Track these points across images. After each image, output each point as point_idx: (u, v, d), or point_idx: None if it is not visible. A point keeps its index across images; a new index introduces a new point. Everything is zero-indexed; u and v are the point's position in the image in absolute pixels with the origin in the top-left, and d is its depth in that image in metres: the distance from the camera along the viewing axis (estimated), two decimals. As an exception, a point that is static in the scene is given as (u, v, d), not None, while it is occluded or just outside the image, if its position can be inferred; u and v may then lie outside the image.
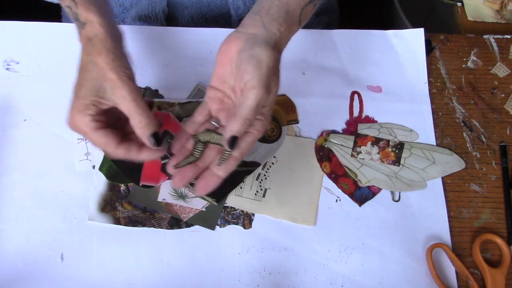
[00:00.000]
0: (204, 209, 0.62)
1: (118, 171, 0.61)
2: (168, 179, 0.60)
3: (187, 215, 0.62)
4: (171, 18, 0.77)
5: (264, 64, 0.47)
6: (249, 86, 0.46)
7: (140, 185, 0.59)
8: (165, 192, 0.62)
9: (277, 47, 0.50)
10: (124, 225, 0.61)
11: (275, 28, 0.50)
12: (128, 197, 0.62)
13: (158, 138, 0.48)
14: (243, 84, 0.47)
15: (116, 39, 0.49)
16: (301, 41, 0.71)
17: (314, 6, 0.55)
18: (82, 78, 0.48)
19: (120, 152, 0.48)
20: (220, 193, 0.61)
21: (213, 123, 0.52)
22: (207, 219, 0.62)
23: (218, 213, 0.62)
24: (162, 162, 0.58)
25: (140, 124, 0.47)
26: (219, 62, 0.51)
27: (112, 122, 0.49)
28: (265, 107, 0.49)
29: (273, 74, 0.48)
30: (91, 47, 0.48)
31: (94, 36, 0.48)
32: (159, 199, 0.62)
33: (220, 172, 0.50)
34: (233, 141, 0.47)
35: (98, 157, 0.63)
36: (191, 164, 0.51)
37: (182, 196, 0.62)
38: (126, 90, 0.46)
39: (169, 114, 0.59)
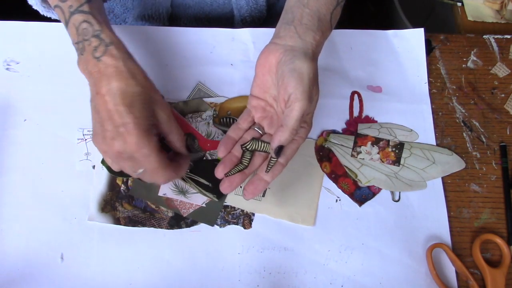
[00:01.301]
0: (204, 205, 0.62)
1: None
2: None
3: (187, 210, 0.62)
4: (174, 18, 0.78)
5: (305, 76, 0.49)
6: (293, 98, 0.49)
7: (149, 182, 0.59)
8: (166, 187, 0.62)
9: (314, 56, 0.52)
10: (124, 225, 0.61)
11: (311, 37, 0.52)
12: (129, 191, 0.62)
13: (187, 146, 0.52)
14: (287, 96, 0.49)
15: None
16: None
17: (341, 8, 0.57)
18: (128, 95, 0.47)
19: (170, 174, 0.51)
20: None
21: (257, 129, 0.56)
22: (207, 215, 0.62)
23: (218, 209, 0.62)
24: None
25: (179, 138, 0.51)
26: (259, 72, 0.54)
27: None
28: (308, 115, 0.52)
29: (313, 84, 0.51)
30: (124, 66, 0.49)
31: (123, 56, 0.49)
32: (160, 193, 0.62)
33: (267, 177, 0.53)
34: (280, 150, 0.50)
35: (98, 157, 0.63)
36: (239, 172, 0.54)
37: (182, 192, 0.62)
38: (167, 110, 0.50)
39: (172, 110, 0.59)
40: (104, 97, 0.47)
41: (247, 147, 0.54)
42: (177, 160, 0.53)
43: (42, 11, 0.63)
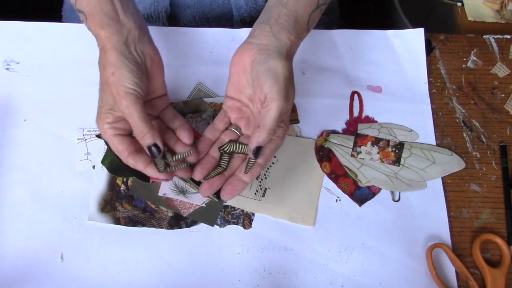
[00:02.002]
0: (204, 205, 0.62)
1: (120, 164, 0.61)
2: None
3: (187, 210, 0.62)
4: (173, 18, 0.78)
5: (280, 75, 0.49)
6: (269, 98, 0.48)
7: (150, 182, 0.60)
8: (166, 187, 0.62)
9: (289, 56, 0.51)
10: (124, 225, 0.61)
11: (285, 37, 0.52)
12: (129, 190, 0.62)
13: (158, 149, 0.50)
14: (263, 96, 0.49)
15: (126, 47, 0.51)
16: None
17: (321, 12, 0.56)
18: (101, 87, 0.51)
19: (130, 162, 0.51)
20: (221, 189, 0.62)
21: (234, 130, 0.55)
22: (207, 215, 0.62)
23: (218, 210, 0.62)
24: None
25: (140, 134, 0.49)
26: (233, 72, 0.53)
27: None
28: (285, 114, 0.51)
29: (289, 83, 0.50)
30: (101, 59, 0.51)
31: (101, 48, 0.51)
32: (160, 193, 0.62)
33: (246, 178, 0.52)
34: (258, 151, 0.49)
35: (98, 157, 0.63)
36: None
37: (182, 191, 0.62)
38: (124, 105, 0.48)
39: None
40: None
41: (225, 149, 0.53)
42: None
43: None
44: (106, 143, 0.55)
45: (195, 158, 0.53)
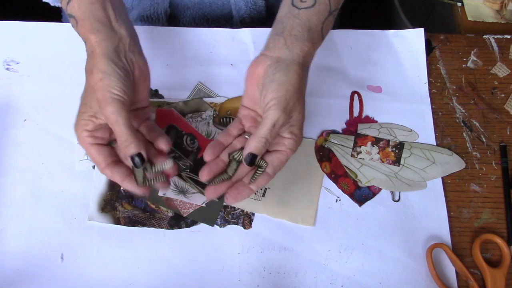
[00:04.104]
0: (204, 205, 0.62)
1: None
2: (177, 174, 0.60)
3: (187, 210, 0.62)
4: (172, 19, 0.78)
5: (283, 87, 0.49)
6: (267, 108, 0.49)
7: None
8: (166, 187, 0.62)
9: (302, 67, 0.51)
10: (124, 225, 0.61)
11: (298, 48, 0.52)
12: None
13: (141, 159, 0.49)
14: (265, 105, 0.50)
15: (116, 54, 0.50)
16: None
17: (334, 18, 0.57)
18: (85, 93, 0.50)
19: (107, 173, 0.51)
20: (225, 193, 0.61)
21: (247, 137, 0.55)
22: (207, 215, 0.62)
23: (218, 209, 0.62)
24: (170, 156, 0.59)
25: (124, 143, 0.48)
26: (248, 84, 0.54)
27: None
28: (293, 126, 0.51)
29: (294, 95, 0.50)
30: (88, 64, 0.50)
31: (90, 53, 0.50)
32: (160, 193, 0.62)
33: (253, 186, 0.52)
34: (251, 158, 0.50)
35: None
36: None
37: (182, 192, 0.62)
38: (109, 111, 0.48)
39: (172, 110, 0.59)
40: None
41: (235, 156, 0.53)
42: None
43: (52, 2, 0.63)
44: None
45: (174, 170, 0.53)
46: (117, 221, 0.61)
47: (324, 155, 0.66)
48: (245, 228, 0.62)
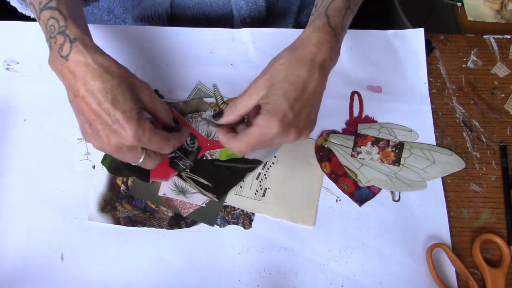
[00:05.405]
0: (204, 205, 0.62)
1: (120, 164, 0.61)
2: (177, 174, 0.61)
3: (187, 210, 0.62)
4: (173, 19, 0.78)
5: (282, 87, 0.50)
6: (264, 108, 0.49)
7: (150, 181, 0.59)
8: (166, 187, 0.62)
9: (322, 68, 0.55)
10: (124, 225, 0.61)
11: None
12: (129, 190, 0.62)
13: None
14: (263, 103, 0.50)
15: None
16: (301, 41, 0.71)
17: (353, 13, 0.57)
18: (108, 91, 0.46)
19: (174, 143, 0.52)
20: (221, 189, 0.62)
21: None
22: (207, 215, 0.62)
23: (218, 209, 0.62)
24: (170, 157, 0.59)
25: (166, 114, 0.51)
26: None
27: None
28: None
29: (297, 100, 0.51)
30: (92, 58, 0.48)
31: (85, 46, 0.48)
32: (160, 193, 0.62)
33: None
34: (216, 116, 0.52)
35: (98, 157, 0.63)
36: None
37: (182, 192, 0.62)
38: (148, 90, 0.50)
39: (172, 110, 0.59)
40: (85, 99, 0.46)
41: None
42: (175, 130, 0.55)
43: (20, 8, 0.62)
44: None
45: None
46: (117, 221, 0.61)
47: (324, 155, 0.66)
48: (245, 228, 0.62)
